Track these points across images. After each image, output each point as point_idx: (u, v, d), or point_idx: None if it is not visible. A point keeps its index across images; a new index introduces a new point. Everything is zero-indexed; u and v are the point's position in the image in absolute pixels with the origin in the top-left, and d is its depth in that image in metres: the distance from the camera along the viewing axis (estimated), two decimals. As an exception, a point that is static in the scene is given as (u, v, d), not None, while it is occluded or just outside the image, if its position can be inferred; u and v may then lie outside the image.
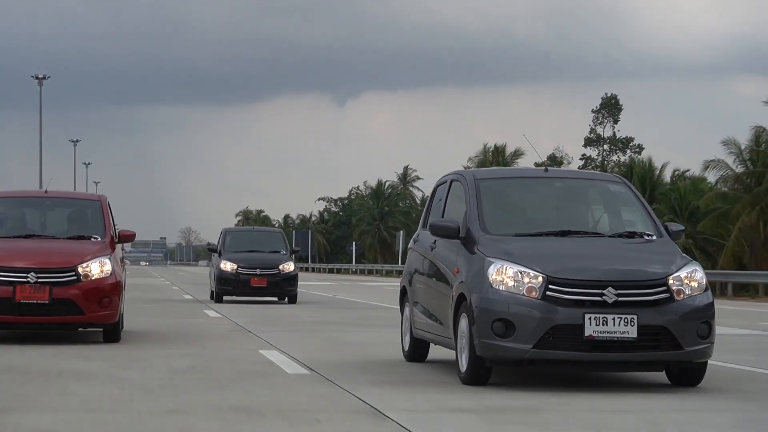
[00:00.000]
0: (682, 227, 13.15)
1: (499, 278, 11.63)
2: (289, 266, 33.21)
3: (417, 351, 14.66)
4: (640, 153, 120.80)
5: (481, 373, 11.87)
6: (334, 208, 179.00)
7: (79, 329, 16.77)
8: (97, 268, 16.12)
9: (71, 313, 15.86)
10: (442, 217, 13.81)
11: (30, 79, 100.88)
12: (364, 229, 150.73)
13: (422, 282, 14.16)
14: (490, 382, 11.92)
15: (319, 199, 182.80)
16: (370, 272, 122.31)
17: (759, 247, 67.41)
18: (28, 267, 15.79)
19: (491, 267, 11.75)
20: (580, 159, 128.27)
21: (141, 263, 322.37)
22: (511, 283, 11.58)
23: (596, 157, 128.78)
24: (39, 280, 15.67)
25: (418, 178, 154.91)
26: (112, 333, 16.53)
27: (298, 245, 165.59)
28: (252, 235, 37.98)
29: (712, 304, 11.92)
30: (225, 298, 32.86)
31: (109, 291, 16.16)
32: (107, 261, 16.30)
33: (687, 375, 12.12)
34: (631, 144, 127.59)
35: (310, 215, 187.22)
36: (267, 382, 12.32)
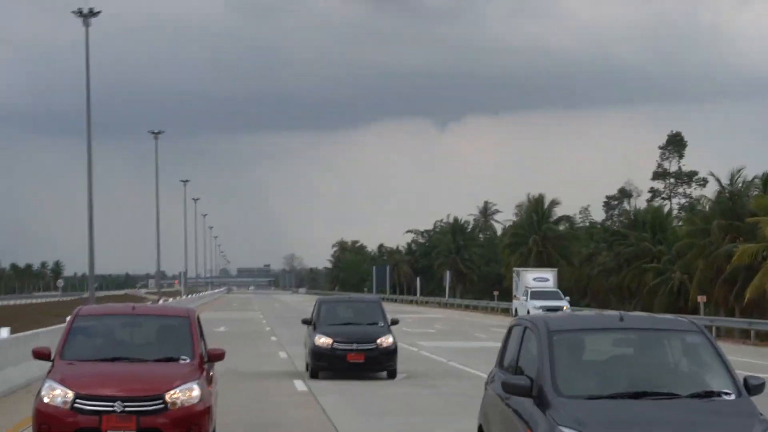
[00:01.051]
0: (763, 381, 12.01)
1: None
2: (388, 340, 30.05)
3: None
4: (704, 185, 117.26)
5: None
6: (420, 239, 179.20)
7: None
8: (185, 395, 15.13)
9: None
10: (516, 362, 12.84)
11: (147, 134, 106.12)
12: (442, 261, 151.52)
13: (497, 428, 13.08)
14: None
15: (407, 232, 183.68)
16: (451, 305, 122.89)
17: None
18: (114, 395, 14.84)
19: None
20: (648, 192, 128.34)
21: (249, 288, 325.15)
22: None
23: (663, 190, 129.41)
24: (126, 409, 14.77)
25: (498, 212, 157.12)
26: None
27: (378, 279, 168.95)
28: (348, 306, 34.34)
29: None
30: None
31: (198, 418, 15.19)
32: (195, 386, 15.29)
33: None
34: (695, 177, 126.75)
35: (397, 247, 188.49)
36: None
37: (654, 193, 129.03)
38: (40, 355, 16.35)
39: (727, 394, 11.54)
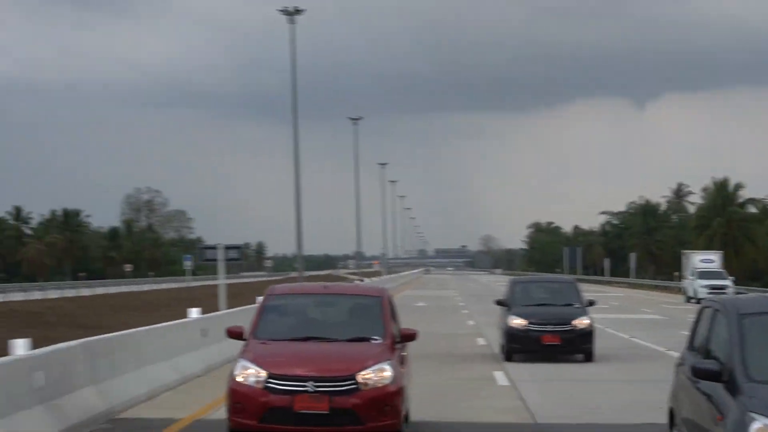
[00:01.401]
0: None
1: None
2: (584, 321, 29.15)
3: None
4: None
5: None
6: (615, 221, 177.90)
7: None
8: (377, 376, 14.89)
9: (351, 423, 14.65)
10: (706, 345, 12.38)
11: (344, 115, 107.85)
12: (634, 242, 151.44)
13: (688, 412, 12.57)
14: None
15: (601, 213, 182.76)
16: (636, 285, 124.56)
17: None
18: (307, 375, 14.72)
19: (753, 424, 10.20)
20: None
21: (447, 268, 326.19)
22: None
23: None
24: (318, 389, 14.64)
25: (691, 193, 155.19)
26: None
27: (570, 260, 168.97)
28: (543, 287, 33.32)
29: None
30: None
31: (390, 399, 14.91)
32: (388, 367, 15.03)
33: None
34: None
35: (590, 228, 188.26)
36: None
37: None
38: (234, 334, 16.41)
39: None
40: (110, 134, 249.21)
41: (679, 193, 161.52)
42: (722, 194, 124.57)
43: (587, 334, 29.03)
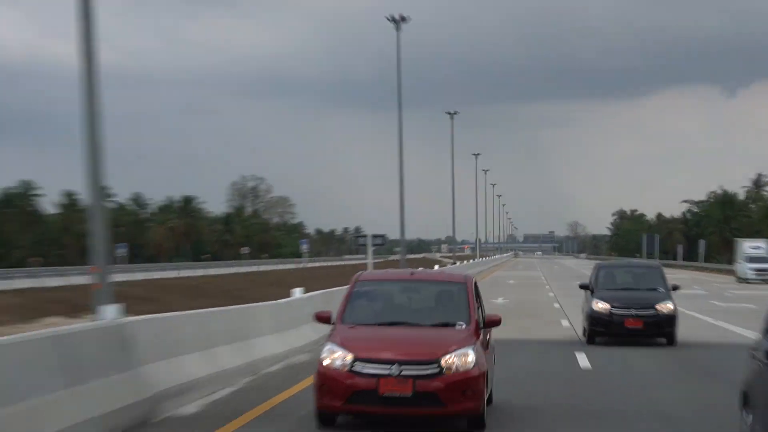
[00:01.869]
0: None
1: None
2: (668, 305, 28.62)
3: None
4: None
5: None
6: (695, 209, 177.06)
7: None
8: (460, 360, 14.74)
9: (433, 405, 14.57)
10: None
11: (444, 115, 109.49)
12: (712, 230, 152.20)
13: (762, 398, 12.04)
14: None
15: (683, 202, 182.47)
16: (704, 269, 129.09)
17: None
18: (392, 359, 14.64)
19: None
20: None
21: (535, 253, 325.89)
22: None
23: None
24: (402, 373, 14.53)
25: None
26: (475, 423, 15.18)
27: (648, 246, 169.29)
28: (627, 271, 32.75)
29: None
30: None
31: (473, 383, 14.74)
32: (470, 352, 14.88)
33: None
34: None
35: (672, 216, 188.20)
36: None
37: None
38: (322, 319, 16.47)
39: None
40: (220, 122, 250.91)
41: (759, 183, 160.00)
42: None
43: (670, 318, 28.51)
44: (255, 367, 21.44)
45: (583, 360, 24.62)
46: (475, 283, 17.27)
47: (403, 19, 72.99)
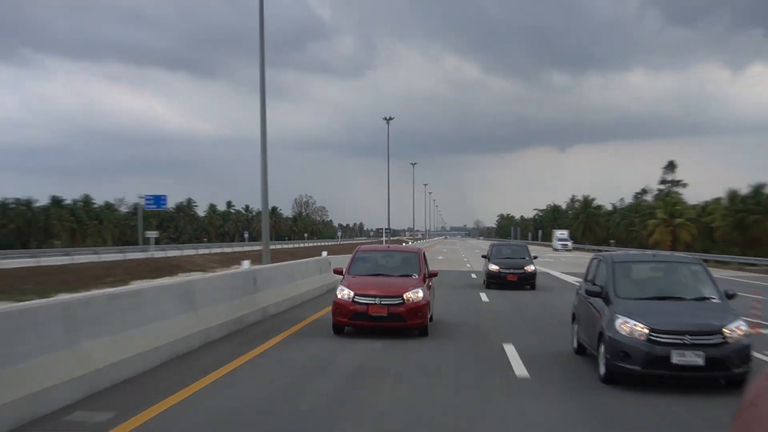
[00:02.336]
0: (735, 292, 11.56)
1: (622, 328, 10.56)
2: (531, 267, 29.09)
3: (580, 349, 13.39)
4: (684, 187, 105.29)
5: (612, 379, 10.75)
6: (540, 214, 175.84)
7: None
8: (414, 295, 15.07)
9: (399, 321, 14.96)
10: (594, 280, 12.59)
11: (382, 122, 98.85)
12: (547, 225, 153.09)
13: (582, 312, 13.01)
14: (619, 383, 10.71)
15: (534, 209, 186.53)
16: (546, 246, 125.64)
17: None
18: (376, 294, 15.05)
19: (618, 320, 10.70)
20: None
21: (458, 237, 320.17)
22: (629, 331, 10.47)
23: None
24: (382, 302, 14.93)
25: (578, 200, 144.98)
26: (423, 330, 15.37)
27: (514, 232, 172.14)
28: (508, 247, 32.14)
29: (749, 345, 10.38)
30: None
31: (422, 308, 15.08)
32: (420, 291, 15.20)
33: (734, 384, 10.52)
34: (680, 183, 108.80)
35: (527, 218, 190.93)
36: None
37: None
38: (338, 272, 16.89)
39: (713, 299, 11.26)
40: (284, 166, 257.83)
41: (573, 200, 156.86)
42: (586, 202, 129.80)
43: (532, 275, 29.13)
44: (300, 296, 21.85)
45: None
46: (424, 253, 17.50)
47: (391, 118, 78.84)
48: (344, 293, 15.21)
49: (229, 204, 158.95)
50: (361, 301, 14.99)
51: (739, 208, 70.34)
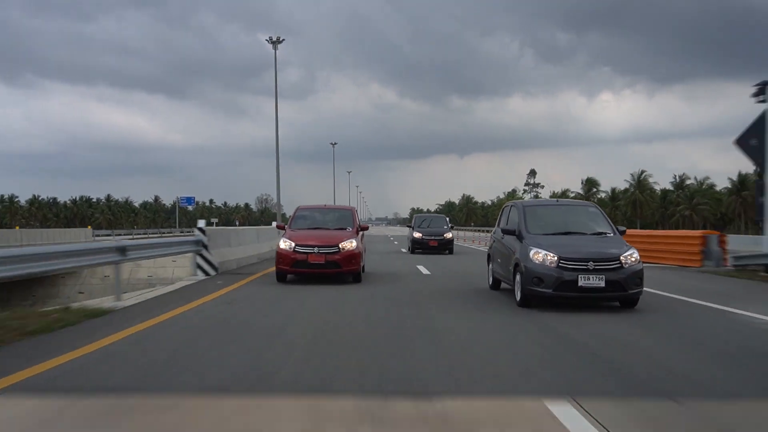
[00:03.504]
0: (625, 228, 12.66)
1: (535, 257, 11.32)
2: (449, 234, 30.34)
3: (495, 285, 14.20)
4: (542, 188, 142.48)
5: (526, 302, 11.53)
6: (441, 207, 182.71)
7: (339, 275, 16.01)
8: (349, 245, 15.49)
9: (335, 267, 15.34)
10: (507, 223, 13.34)
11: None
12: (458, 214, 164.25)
13: (498, 252, 13.72)
14: (531, 306, 11.59)
15: (436, 204, 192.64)
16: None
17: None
18: (314, 245, 15.41)
19: (531, 251, 11.46)
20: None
21: (383, 224, 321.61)
22: (541, 260, 11.24)
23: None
24: (320, 251, 15.19)
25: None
26: (357, 277, 15.87)
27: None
28: (428, 219, 33.13)
29: (642, 270, 11.44)
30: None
31: (355, 256, 15.50)
32: (354, 241, 15.67)
33: (629, 303, 11.65)
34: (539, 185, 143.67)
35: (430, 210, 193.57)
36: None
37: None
38: (280, 227, 17.18)
39: (608, 234, 12.11)
40: (246, 171, 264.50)
41: (468, 200, 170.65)
42: (467, 199, 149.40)
43: (450, 241, 30.23)
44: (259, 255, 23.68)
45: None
46: (356, 210, 17.94)
47: (335, 143, 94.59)
48: (286, 244, 15.44)
49: (211, 201, 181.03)
50: (301, 251, 15.24)
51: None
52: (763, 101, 18.26)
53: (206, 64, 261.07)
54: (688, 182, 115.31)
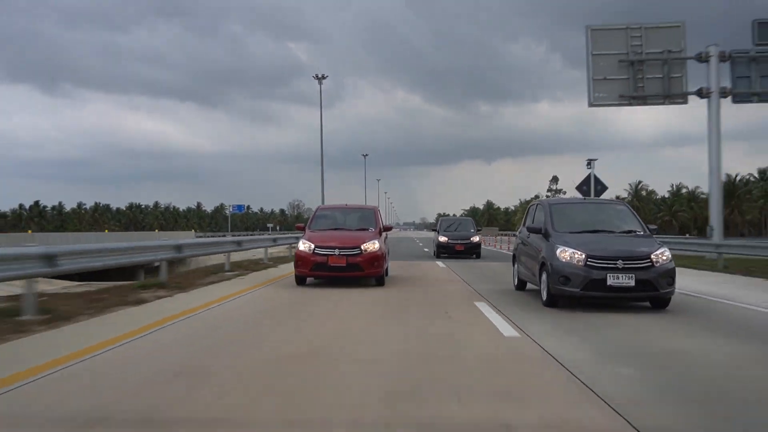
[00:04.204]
0: (656, 227, 11.97)
1: (562, 255, 10.77)
2: (476, 238, 29.14)
3: (521, 285, 13.70)
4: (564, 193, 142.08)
5: (553, 302, 11.00)
6: (466, 212, 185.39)
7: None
8: (371, 246, 14.78)
9: (357, 270, 14.67)
10: (533, 222, 12.83)
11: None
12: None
13: (523, 253, 13.27)
14: (558, 306, 11.04)
15: (461, 209, 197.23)
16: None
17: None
18: (335, 246, 14.70)
19: (558, 249, 10.93)
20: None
21: (409, 229, 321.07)
22: (568, 258, 10.69)
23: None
24: (341, 253, 14.53)
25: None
26: (380, 280, 15.18)
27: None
28: (454, 223, 32.12)
29: (674, 269, 10.77)
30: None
31: (378, 258, 14.78)
32: (377, 242, 14.93)
33: (660, 304, 10.98)
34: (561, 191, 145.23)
35: (456, 215, 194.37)
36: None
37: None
38: (300, 228, 16.39)
39: (639, 232, 11.54)
40: (274, 177, 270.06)
41: (489, 206, 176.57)
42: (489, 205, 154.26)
43: (477, 245, 28.94)
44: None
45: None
46: (379, 210, 17.25)
47: (367, 154, 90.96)
48: (305, 246, 14.85)
49: (248, 207, 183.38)
50: (321, 252, 14.61)
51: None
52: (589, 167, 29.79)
53: (233, 73, 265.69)
54: (683, 191, 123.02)
